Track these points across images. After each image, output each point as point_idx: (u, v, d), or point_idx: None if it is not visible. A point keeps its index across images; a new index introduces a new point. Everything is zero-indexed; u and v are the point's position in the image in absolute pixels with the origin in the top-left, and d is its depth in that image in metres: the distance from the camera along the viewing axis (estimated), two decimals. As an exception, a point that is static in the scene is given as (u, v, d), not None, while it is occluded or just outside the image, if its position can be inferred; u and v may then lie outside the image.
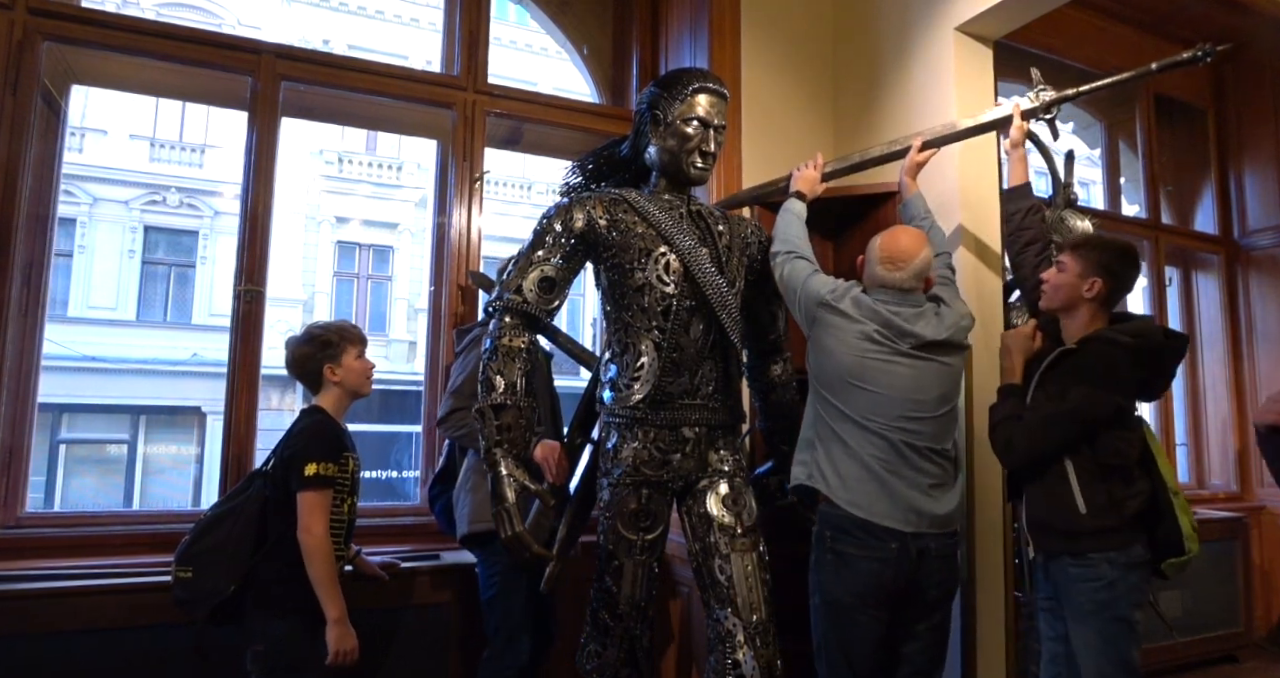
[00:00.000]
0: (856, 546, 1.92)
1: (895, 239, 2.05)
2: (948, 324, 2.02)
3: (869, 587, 1.92)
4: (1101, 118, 4.78)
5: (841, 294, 2.01)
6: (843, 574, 1.94)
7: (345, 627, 1.97)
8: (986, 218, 2.61)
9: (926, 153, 2.37)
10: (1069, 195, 3.04)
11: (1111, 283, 1.99)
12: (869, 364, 1.95)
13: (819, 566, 2.01)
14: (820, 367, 2.02)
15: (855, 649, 1.94)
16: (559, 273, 1.99)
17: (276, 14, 12.24)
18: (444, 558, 2.65)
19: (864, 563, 1.92)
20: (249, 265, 2.71)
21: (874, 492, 1.92)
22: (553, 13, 3.54)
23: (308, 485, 1.97)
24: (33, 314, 2.58)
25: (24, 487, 2.53)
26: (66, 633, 2.16)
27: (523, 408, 1.90)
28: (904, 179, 2.36)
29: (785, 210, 2.23)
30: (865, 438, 1.93)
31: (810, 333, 2.05)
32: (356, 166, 12.73)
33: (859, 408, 1.94)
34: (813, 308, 2.02)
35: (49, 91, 2.68)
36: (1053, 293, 2.06)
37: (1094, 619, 1.90)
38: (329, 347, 2.11)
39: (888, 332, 1.96)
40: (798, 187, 2.30)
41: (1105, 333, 1.96)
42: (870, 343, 1.95)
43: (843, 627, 1.96)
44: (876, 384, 1.94)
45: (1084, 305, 2.01)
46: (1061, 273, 2.05)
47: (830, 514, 1.97)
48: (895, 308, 1.99)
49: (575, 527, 2.17)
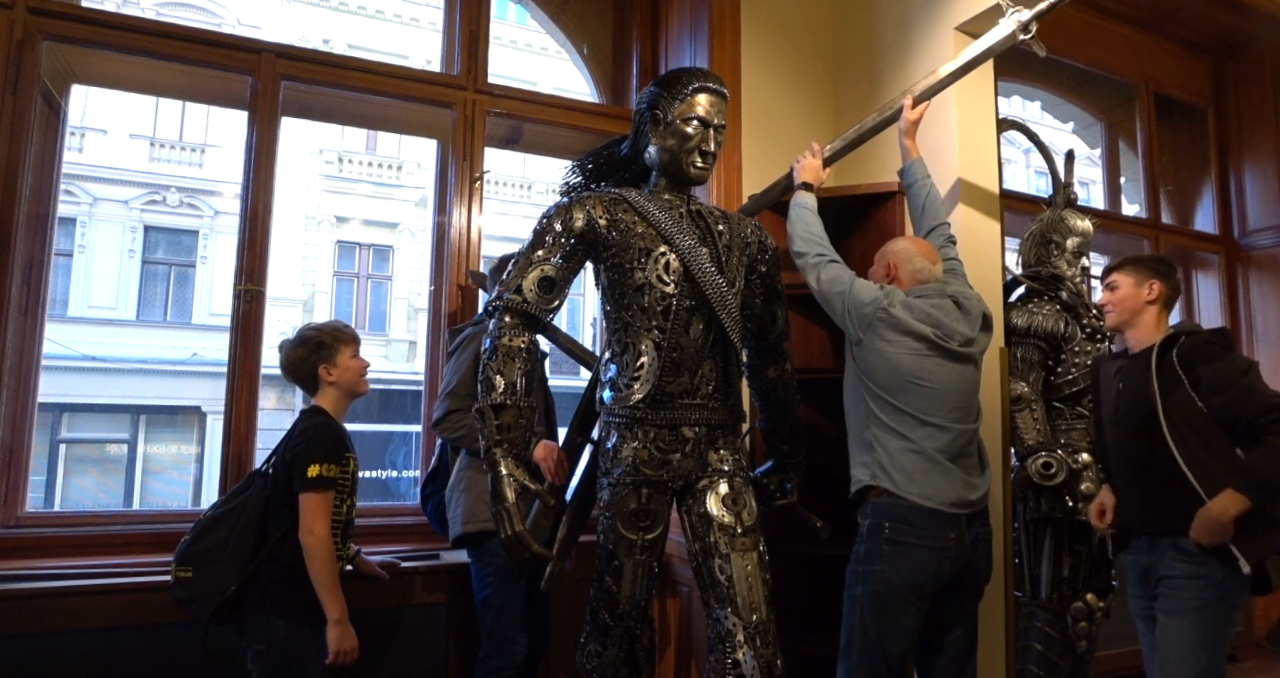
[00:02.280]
0: (918, 535, 1.97)
1: (912, 239, 2.18)
2: (974, 318, 2.13)
3: (926, 575, 1.97)
4: (1101, 117, 4.78)
5: (891, 299, 2.06)
6: (899, 564, 1.97)
7: (346, 627, 1.97)
8: (986, 217, 2.61)
9: (920, 108, 2.37)
10: (1069, 195, 3.04)
11: (1167, 282, 2.20)
12: (926, 363, 2.02)
13: (870, 556, 2.02)
14: (876, 369, 2.04)
15: (894, 640, 1.98)
16: (559, 273, 1.99)
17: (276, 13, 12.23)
18: (443, 558, 2.65)
19: (923, 551, 1.97)
20: (249, 265, 2.71)
21: (940, 482, 1.99)
22: (552, 12, 3.54)
23: (310, 487, 1.97)
24: (33, 313, 2.58)
25: (24, 486, 2.53)
26: (66, 633, 2.17)
27: (523, 408, 1.90)
28: (904, 142, 2.36)
29: (797, 206, 2.22)
30: (926, 432, 2.00)
31: (862, 338, 2.06)
32: (356, 166, 12.73)
33: (918, 405, 2.01)
34: (867, 316, 2.05)
35: (49, 91, 2.68)
36: (1118, 308, 2.24)
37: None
38: (323, 348, 2.12)
39: (940, 332, 2.04)
40: (803, 178, 2.29)
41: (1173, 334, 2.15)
42: (927, 343, 2.03)
43: (887, 618, 1.98)
44: (934, 381, 2.02)
45: (1146, 311, 2.20)
46: (1117, 290, 2.24)
47: (888, 506, 2.00)
48: (936, 301, 2.09)
49: (575, 527, 2.17)
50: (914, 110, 2.35)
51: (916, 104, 2.36)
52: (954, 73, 2.34)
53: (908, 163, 2.35)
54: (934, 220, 2.29)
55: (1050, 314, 2.75)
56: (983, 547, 2.06)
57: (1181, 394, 2.06)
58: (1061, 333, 2.73)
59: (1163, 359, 2.12)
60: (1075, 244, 2.92)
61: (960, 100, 2.60)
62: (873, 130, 2.43)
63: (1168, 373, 2.09)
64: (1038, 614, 2.69)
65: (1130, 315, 2.22)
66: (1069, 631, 2.66)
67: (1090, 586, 2.68)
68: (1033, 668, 2.65)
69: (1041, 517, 2.69)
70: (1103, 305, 2.30)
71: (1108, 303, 2.27)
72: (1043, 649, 2.65)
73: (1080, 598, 2.67)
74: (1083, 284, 2.92)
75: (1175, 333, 2.16)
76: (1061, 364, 2.76)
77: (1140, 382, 2.14)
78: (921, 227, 2.31)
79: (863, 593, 2.02)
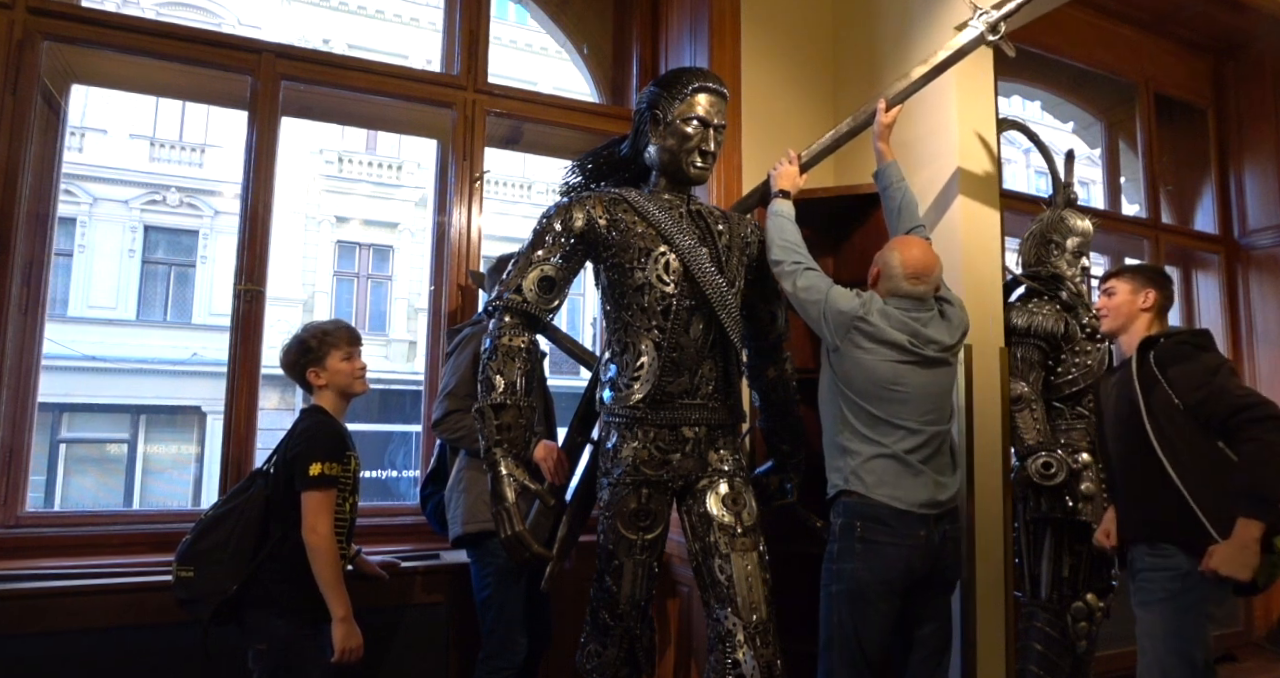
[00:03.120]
0: (889, 533, 2.01)
1: (914, 254, 2.13)
2: (955, 326, 2.15)
3: (897, 572, 2.01)
4: (1101, 117, 4.77)
5: (869, 307, 2.07)
6: (871, 561, 2.01)
7: (351, 625, 1.97)
8: (986, 217, 2.61)
9: (893, 111, 2.38)
10: (1069, 195, 3.04)
11: (1163, 292, 2.28)
12: (901, 370, 2.05)
13: (843, 555, 2.05)
14: (853, 376, 2.06)
15: (870, 636, 2.01)
16: (559, 272, 1.99)
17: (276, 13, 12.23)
18: (443, 558, 2.65)
19: (894, 549, 2.01)
20: (249, 265, 2.71)
21: (911, 485, 2.03)
22: (552, 12, 3.54)
23: (313, 485, 1.97)
24: (33, 313, 2.58)
25: (24, 486, 2.53)
26: (66, 633, 2.16)
27: (523, 408, 1.90)
28: (878, 146, 2.37)
29: (774, 214, 2.22)
30: (899, 435, 2.04)
31: (839, 345, 2.07)
32: (356, 166, 12.72)
33: (892, 410, 2.04)
34: (845, 324, 2.06)
35: (49, 91, 2.68)
36: (1113, 315, 2.31)
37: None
38: (309, 352, 2.12)
39: (916, 340, 2.06)
40: (780, 185, 2.29)
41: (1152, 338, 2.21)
42: (902, 351, 2.05)
43: (862, 613, 2.01)
44: (909, 387, 2.05)
45: (1140, 318, 2.27)
46: (1114, 296, 2.31)
47: (860, 505, 2.04)
48: (916, 314, 2.10)
49: (575, 527, 2.17)
50: (887, 114, 2.36)
51: (889, 108, 2.37)
52: (925, 75, 2.36)
53: (882, 166, 2.36)
54: (910, 222, 2.31)
55: (1050, 314, 2.75)
56: (951, 545, 2.11)
57: (1160, 393, 2.12)
58: (1061, 333, 2.73)
59: (1143, 361, 2.18)
60: (1075, 244, 2.92)
61: (960, 100, 2.60)
62: (848, 135, 2.44)
63: (1148, 374, 2.15)
64: (1038, 614, 2.70)
65: (1125, 321, 2.29)
66: (1069, 631, 2.66)
67: (1090, 586, 2.69)
68: (1033, 668, 2.65)
69: (1041, 517, 2.69)
70: (1098, 310, 2.38)
71: (1104, 308, 2.35)
72: (1043, 649, 2.66)
73: (1080, 598, 2.67)
74: (1083, 284, 2.92)
75: (1154, 336, 2.22)
76: (1061, 364, 2.76)
77: (1127, 386, 2.21)
78: (898, 229, 2.32)
79: (837, 591, 2.05)
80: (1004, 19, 2.28)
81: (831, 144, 2.43)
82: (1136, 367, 2.19)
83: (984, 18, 2.30)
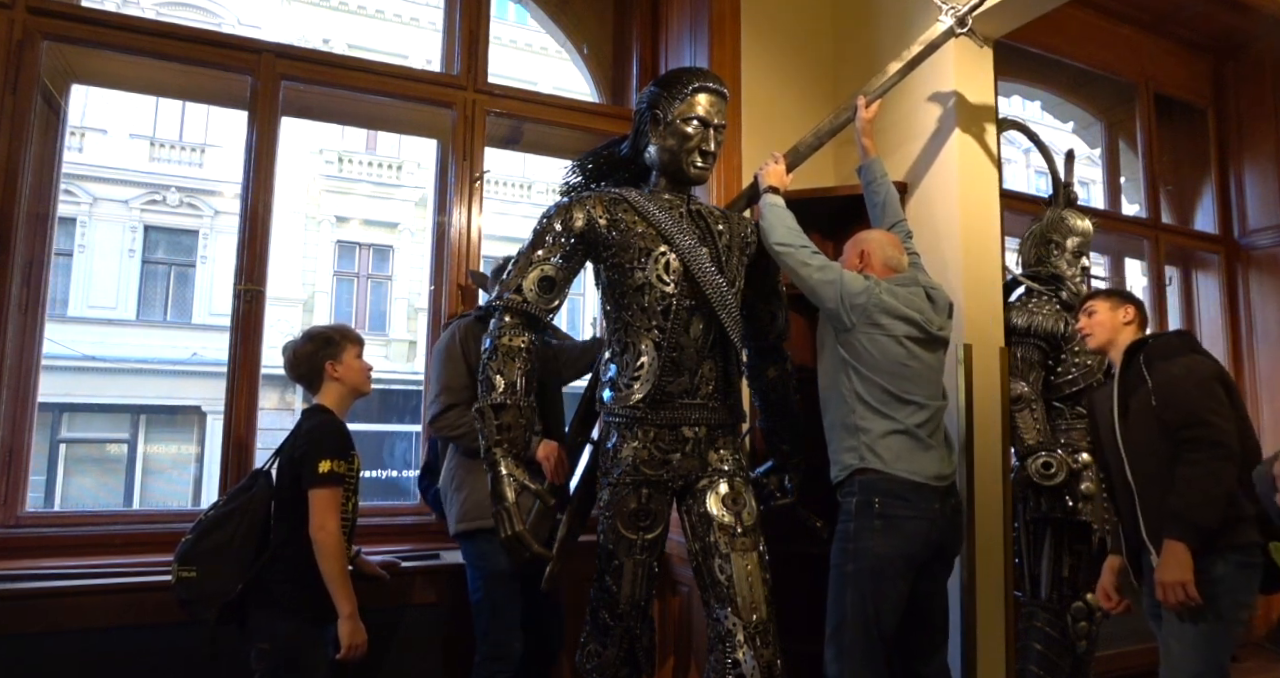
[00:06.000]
0: (908, 507, 2.03)
1: (881, 232, 2.30)
2: (942, 307, 2.22)
3: (918, 545, 2.04)
4: (1101, 117, 4.77)
5: (879, 288, 2.12)
6: (892, 537, 2.03)
7: (357, 622, 1.98)
8: (986, 217, 2.61)
9: (874, 107, 2.44)
10: (1069, 194, 3.04)
11: (1139, 308, 2.33)
12: (912, 348, 2.11)
13: (860, 533, 2.05)
14: (870, 354, 2.09)
15: (885, 613, 2.02)
16: (559, 272, 1.99)
17: (276, 13, 12.22)
18: (443, 558, 2.64)
19: (913, 523, 2.03)
20: (249, 265, 2.71)
21: (923, 458, 2.07)
22: (552, 12, 3.54)
23: (321, 482, 1.97)
24: (33, 313, 2.58)
25: (24, 486, 2.53)
26: (66, 633, 2.16)
27: (522, 407, 1.91)
28: (861, 142, 2.41)
29: (771, 205, 2.24)
30: (910, 410, 2.08)
31: (855, 324, 2.10)
32: (356, 166, 12.71)
33: (904, 386, 2.08)
34: (861, 304, 2.09)
35: (49, 91, 2.67)
36: (1097, 332, 2.33)
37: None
38: (330, 344, 2.13)
39: (923, 318, 2.13)
40: (769, 182, 2.30)
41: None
42: (914, 326, 2.12)
43: (881, 591, 2.01)
44: (919, 363, 2.11)
45: (1124, 331, 2.29)
46: (1095, 315, 2.33)
47: (879, 481, 2.05)
48: (915, 288, 2.17)
49: (575, 527, 2.17)
50: (868, 109, 2.41)
51: (870, 103, 2.42)
52: (900, 70, 2.45)
53: (866, 161, 2.41)
54: (894, 217, 2.37)
55: (1050, 314, 2.75)
56: (957, 518, 2.17)
57: (1142, 396, 2.12)
58: (1061, 333, 2.73)
59: (1131, 362, 2.19)
60: (1075, 244, 2.92)
61: (960, 100, 2.60)
62: (830, 132, 2.48)
63: (1134, 375, 2.17)
64: (1038, 614, 2.70)
65: (1110, 334, 2.31)
66: (1069, 630, 2.66)
67: (1090, 585, 2.68)
68: (1033, 668, 2.65)
69: (1041, 517, 2.69)
70: (1081, 331, 2.39)
71: (1086, 328, 2.37)
72: (1043, 649, 2.66)
73: (1080, 598, 2.67)
74: (1083, 284, 2.92)
75: (1143, 338, 2.25)
76: (1061, 364, 2.76)
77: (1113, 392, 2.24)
78: (881, 224, 2.37)
79: (855, 570, 2.04)
80: (970, 13, 2.39)
81: (814, 141, 2.47)
82: (1122, 369, 2.22)
83: (951, 12, 2.41)
